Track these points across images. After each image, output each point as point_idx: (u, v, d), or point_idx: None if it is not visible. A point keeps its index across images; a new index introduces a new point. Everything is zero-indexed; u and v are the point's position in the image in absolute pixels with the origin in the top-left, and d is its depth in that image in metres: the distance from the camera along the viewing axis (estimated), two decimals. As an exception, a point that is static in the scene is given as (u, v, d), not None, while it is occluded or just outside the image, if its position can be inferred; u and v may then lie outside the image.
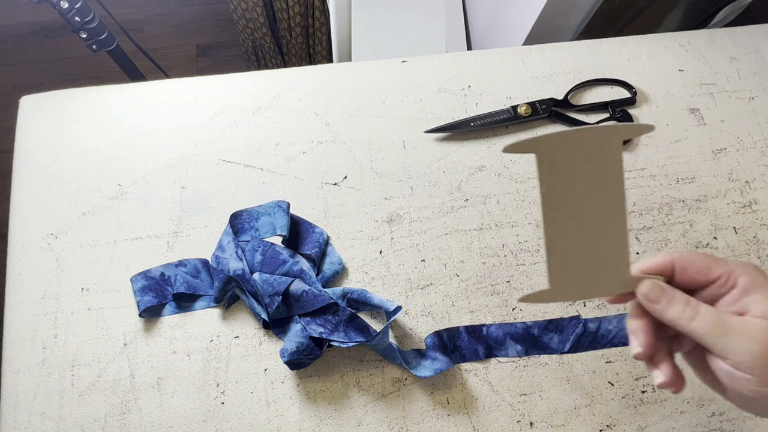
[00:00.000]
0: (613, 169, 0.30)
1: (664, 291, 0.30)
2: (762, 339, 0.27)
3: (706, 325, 0.28)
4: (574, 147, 0.30)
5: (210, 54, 1.59)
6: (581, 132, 0.30)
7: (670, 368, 0.31)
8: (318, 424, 0.46)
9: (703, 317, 0.29)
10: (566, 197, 0.31)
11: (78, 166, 0.54)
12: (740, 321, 0.28)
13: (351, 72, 0.60)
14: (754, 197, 0.54)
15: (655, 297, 0.30)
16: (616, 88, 0.59)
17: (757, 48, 0.61)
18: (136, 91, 0.58)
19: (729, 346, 0.28)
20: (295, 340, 0.45)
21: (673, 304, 0.29)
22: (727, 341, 0.28)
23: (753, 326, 0.28)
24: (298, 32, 1.25)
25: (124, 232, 0.52)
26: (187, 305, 0.49)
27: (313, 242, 0.51)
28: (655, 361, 0.31)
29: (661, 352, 0.31)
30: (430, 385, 0.47)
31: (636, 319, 0.32)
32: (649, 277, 0.31)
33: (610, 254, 0.32)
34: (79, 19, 0.84)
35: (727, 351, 0.28)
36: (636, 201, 0.54)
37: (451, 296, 0.50)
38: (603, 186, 0.31)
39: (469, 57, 0.61)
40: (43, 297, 0.49)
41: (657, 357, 0.31)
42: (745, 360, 0.27)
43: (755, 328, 0.27)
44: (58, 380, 0.47)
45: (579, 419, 0.46)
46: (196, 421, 0.46)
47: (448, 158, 0.55)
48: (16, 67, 1.55)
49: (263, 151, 0.55)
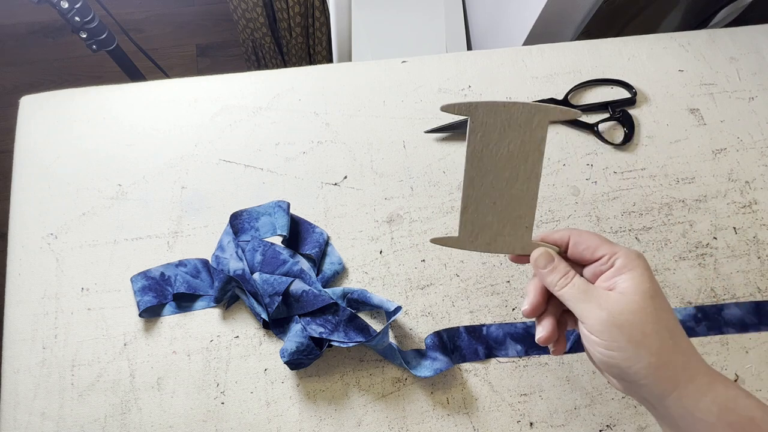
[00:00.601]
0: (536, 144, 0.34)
1: (551, 260, 0.35)
2: (610, 308, 0.32)
3: (572, 292, 0.34)
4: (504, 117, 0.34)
5: (210, 54, 1.59)
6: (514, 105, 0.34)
7: (550, 326, 0.36)
8: (318, 424, 0.46)
9: (572, 285, 0.34)
10: (489, 161, 0.35)
11: (78, 166, 0.54)
12: (600, 292, 0.33)
13: (351, 72, 0.60)
14: (754, 197, 0.54)
15: (542, 263, 0.35)
16: (616, 88, 0.59)
17: (757, 48, 0.61)
18: (136, 91, 0.58)
19: (584, 311, 0.33)
20: (295, 340, 0.45)
21: (554, 272, 0.35)
22: (584, 306, 0.33)
23: (606, 297, 0.33)
24: (298, 32, 1.25)
25: (124, 232, 0.52)
26: (187, 305, 0.49)
27: (313, 242, 0.51)
28: (540, 320, 0.37)
29: (548, 313, 0.36)
30: (430, 385, 0.47)
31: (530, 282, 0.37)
32: (545, 245, 0.36)
33: (518, 219, 0.36)
34: (79, 19, 0.84)
35: (582, 315, 0.33)
36: (636, 201, 0.54)
37: (451, 296, 0.50)
38: (524, 156, 0.35)
39: (469, 57, 0.61)
40: (43, 297, 0.49)
41: (542, 317, 0.37)
42: (594, 324, 0.32)
43: (607, 299, 0.32)
44: (58, 380, 0.47)
45: (579, 419, 0.46)
46: (196, 421, 0.46)
47: (448, 158, 0.55)
48: (16, 67, 1.55)
49: (263, 151, 0.55)
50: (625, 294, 0.32)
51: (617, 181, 0.55)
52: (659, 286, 0.33)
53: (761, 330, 0.49)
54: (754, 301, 0.50)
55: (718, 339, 0.49)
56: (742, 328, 0.49)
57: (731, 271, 0.51)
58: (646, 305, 0.32)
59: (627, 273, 0.33)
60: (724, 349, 0.48)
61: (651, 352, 0.31)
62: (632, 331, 0.31)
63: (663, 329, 0.32)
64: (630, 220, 0.53)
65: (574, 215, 0.53)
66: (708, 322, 0.49)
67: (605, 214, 0.53)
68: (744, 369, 0.48)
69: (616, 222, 0.53)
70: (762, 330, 0.49)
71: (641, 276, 0.33)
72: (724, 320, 0.49)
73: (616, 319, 0.31)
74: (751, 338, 0.49)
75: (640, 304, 0.32)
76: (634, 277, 0.32)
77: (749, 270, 0.51)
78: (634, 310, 0.31)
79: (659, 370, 0.31)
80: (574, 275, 0.34)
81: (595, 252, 0.34)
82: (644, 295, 0.32)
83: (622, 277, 0.33)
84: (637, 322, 0.31)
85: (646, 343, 0.31)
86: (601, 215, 0.53)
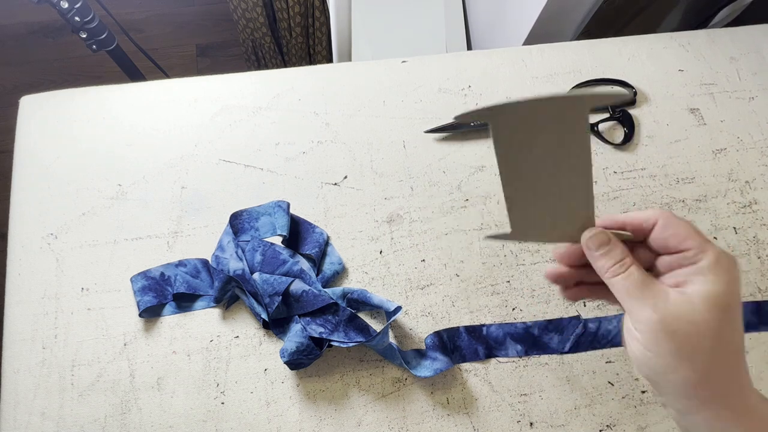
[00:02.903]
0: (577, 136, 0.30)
1: (606, 242, 0.31)
2: (663, 311, 0.28)
3: (625, 284, 0.30)
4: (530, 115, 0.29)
5: (210, 54, 1.59)
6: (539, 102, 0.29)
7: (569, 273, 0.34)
8: (318, 424, 0.46)
9: (627, 275, 0.30)
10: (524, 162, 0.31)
11: (78, 166, 0.54)
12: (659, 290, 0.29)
13: (351, 72, 0.60)
14: (754, 197, 0.54)
15: (594, 245, 0.31)
16: (616, 87, 0.59)
17: (757, 48, 0.61)
18: (136, 91, 0.58)
19: (634, 308, 0.29)
20: (295, 340, 0.45)
21: (607, 257, 0.31)
22: (634, 303, 0.29)
23: (666, 297, 0.28)
24: (298, 32, 1.25)
25: (124, 232, 0.52)
26: (187, 305, 0.49)
27: (313, 242, 0.50)
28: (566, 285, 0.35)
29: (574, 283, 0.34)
30: (430, 385, 0.47)
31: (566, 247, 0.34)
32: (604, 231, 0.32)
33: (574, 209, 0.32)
34: (79, 19, 0.84)
35: (631, 311, 0.29)
36: (636, 201, 0.54)
37: (451, 296, 0.50)
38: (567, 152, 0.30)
39: (469, 57, 0.61)
40: (43, 297, 0.49)
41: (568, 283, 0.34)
42: (641, 323, 0.29)
43: (666, 301, 0.28)
44: (58, 380, 0.47)
45: (579, 419, 0.46)
46: (196, 421, 0.46)
47: (448, 158, 0.55)
48: (16, 67, 1.55)
49: (263, 151, 0.55)
50: (692, 299, 0.28)
51: (617, 181, 0.55)
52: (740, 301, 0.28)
53: (761, 330, 0.49)
54: (754, 301, 0.50)
55: (718, 339, 0.49)
56: (742, 328, 0.49)
57: (731, 271, 0.51)
58: (712, 317, 0.27)
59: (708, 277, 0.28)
60: (724, 349, 0.48)
61: (695, 368, 0.27)
62: (683, 342, 0.27)
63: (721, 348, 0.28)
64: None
65: (574, 215, 0.53)
66: (708, 322, 0.49)
67: (605, 214, 0.53)
68: (744, 369, 0.48)
69: (616, 222, 0.53)
70: (762, 330, 0.49)
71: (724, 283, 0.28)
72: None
73: (669, 324, 0.28)
74: (751, 338, 0.49)
75: (704, 314, 0.27)
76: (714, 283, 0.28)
77: (749, 270, 0.51)
78: (695, 320, 0.27)
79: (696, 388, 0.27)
80: (632, 263, 0.30)
81: (683, 242, 0.29)
82: (714, 305, 0.27)
83: (699, 278, 0.28)
84: (692, 333, 0.27)
85: (695, 357, 0.27)
86: (600, 215, 0.53)
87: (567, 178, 0.31)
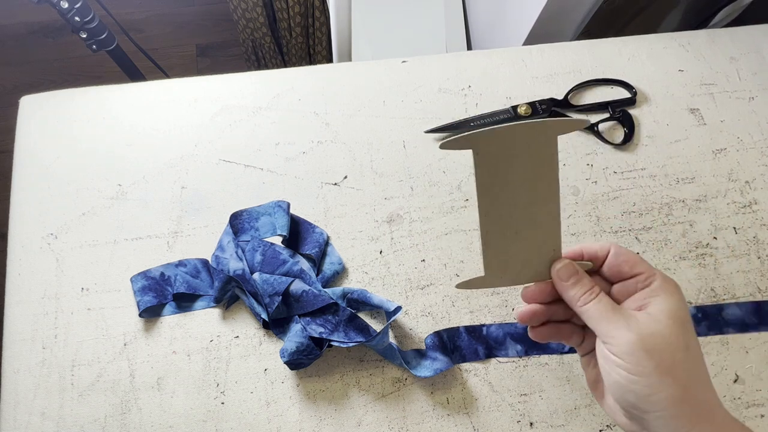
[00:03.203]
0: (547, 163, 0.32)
1: (574, 272, 0.33)
2: (639, 332, 0.30)
3: (598, 308, 0.31)
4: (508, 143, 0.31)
5: (210, 54, 1.59)
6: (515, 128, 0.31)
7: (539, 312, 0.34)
8: (318, 424, 0.46)
9: (598, 301, 0.32)
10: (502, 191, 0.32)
11: (78, 166, 0.54)
12: (628, 313, 0.31)
13: (351, 72, 0.60)
14: (754, 197, 0.54)
15: (565, 275, 0.33)
16: (616, 88, 0.59)
17: (757, 48, 0.61)
18: (136, 91, 0.58)
19: (610, 331, 0.30)
20: (295, 340, 0.45)
21: (578, 286, 0.33)
22: (610, 327, 0.31)
23: (636, 320, 0.30)
24: (298, 32, 1.25)
25: (124, 232, 0.52)
26: (187, 305, 0.49)
27: (313, 242, 0.50)
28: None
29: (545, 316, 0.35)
30: (430, 385, 0.47)
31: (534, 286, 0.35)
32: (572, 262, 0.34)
33: (544, 243, 0.34)
34: (79, 19, 0.84)
35: (606, 335, 0.31)
36: (636, 201, 0.54)
37: (451, 296, 0.50)
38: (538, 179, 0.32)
39: (469, 57, 0.61)
40: (43, 297, 0.49)
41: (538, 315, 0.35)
42: (620, 346, 0.30)
43: (637, 322, 0.30)
44: (58, 380, 0.47)
45: (579, 419, 0.46)
46: (196, 421, 0.46)
47: (448, 158, 0.55)
48: (16, 67, 1.55)
49: (263, 151, 0.55)
50: (658, 317, 0.30)
51: (617, 181, 0.55)
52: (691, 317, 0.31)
53: (761, 330, 0.49)
54: (754, 301, 0.50)
55: (718, 339, 0.49)
56: (742, 328, 0.49)
57: (731, 271, 0.51)
58: (678, 332, 0.30)
59: (663, 296, 0.31)
60: (724, 349, 0.48)
61: (677, 383, 0.29)
62: (662, 357, 0.29)
63: (692, 361, 0.30)
64: (630, 220, 0.53)
65: (574, 215, 0.53)
66: (708, 322, 0.49)
67: (605, 214, 0.53)
68: (744, 369, 0.48)
69: (616, 222, 0.53)
70: (762, 330, 0.49)
71: (677, 302, 0.31)
72: (724, 320, 0.49)
73: (646, 343, 0.29)
74: (751, 338, 0.49)
75: (672, 329, 0.30)
76: (669, 301, 0.31)
77: (749, 270, 0.51)
78: (666, 335, 0.29)
79: (682, 404, 0.29)
80: (600, 291, 0.32)
81: (633, 267, 0.32)
82: (677, 321, 0.30)
83: (657, 299, 0.31)
84: (667, 348, 0.29)
85: (675, 372, 0.29)
86: (601, 215, 0.53)
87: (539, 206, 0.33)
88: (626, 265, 0.33)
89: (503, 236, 0.33)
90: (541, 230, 0.33)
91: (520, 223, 0.33)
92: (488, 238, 0.33)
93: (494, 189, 0.32)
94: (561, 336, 0.35)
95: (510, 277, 0.35)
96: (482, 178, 0.32)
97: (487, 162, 0.31)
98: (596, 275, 0.34)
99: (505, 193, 0.32)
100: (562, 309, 0.35)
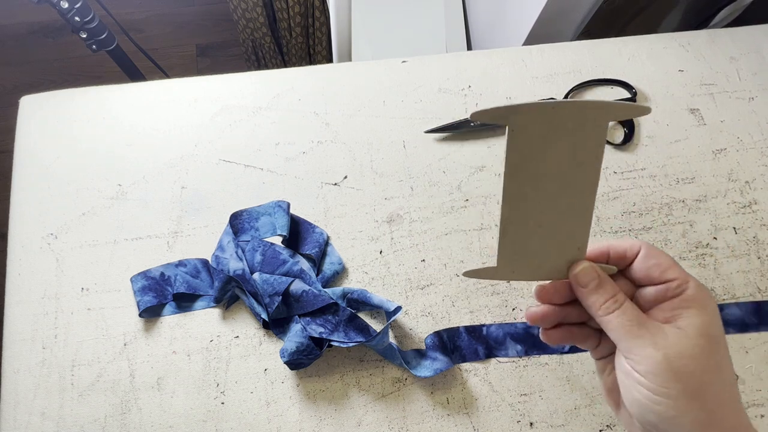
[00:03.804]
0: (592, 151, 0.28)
1: (595, 276, 0.30)
2: (667, 350, 0.27)
3: (621, 321, 0.28)
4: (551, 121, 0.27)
5: (210, 54, 1.59)
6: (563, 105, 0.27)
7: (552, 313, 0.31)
8: (318, 424, 0.46)
9: (622, 312, 0.28)
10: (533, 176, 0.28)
11: (78, 166, 0.54)
12: (656, 327, 0.28)
13: (351, 72, 0.60)
14: (754, 197, 0.54)
15: (585, 280, 0.30)
16: (616, 88, 0.59)
17: (757, 48, 0.61)
18: (136, 91, 0.58)
19: (634, 347, 0.28)
20: (295, 340, 0.45)
21: (599, 291, 0.29)
22: (634, 342, 0.28)
23: (664, 335, 0.27)
24: (298, 32, 1.25)
25: (124, 232, 0.52)
26: (187, 305, 0.49)
27: (313, 242, 0.50)
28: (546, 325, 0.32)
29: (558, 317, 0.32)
30: (430, 385, 0.47)
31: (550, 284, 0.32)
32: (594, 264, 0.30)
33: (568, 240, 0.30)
34: (79, 19, 0.84)
35: (630, 351, 0.28)
36: (636, 201, 0.54)
37: (451, 296, 0.50)
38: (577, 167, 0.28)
39: (469, 57, 0.61)
40: (43, 297, 0.49)
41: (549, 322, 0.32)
42: (644, 364, 0.27)
43: (666, 338, 0.27)
44: (58, 380, 0.47)
45: (579, 419, 0.46)
46: (196, 421, 0.46)
47: (448, 158, 0.55)
48: (16, 67, 1.55)
49: (263, 151, 0.55)
50: (687, 333, 0.27)
51: (617, 181, 0.55)
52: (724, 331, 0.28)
53: (761, 330, 0.49)
54: (754, 301, 0.50)
55: (718, 339, 0.49)
56: (742, 328, 0.49)
57: (731, 271, 0.51)
58: (710, 351, 0.27)
59: (696, 308, 0.28)
60: (724, 349, 0.48)
61: (705, 407, 0.26)
62: (690, 380, 0.26)
63: (722, 383, 0.27)
64: (630, 220, 0.53)
65: (574, 215, 0.53)
66: (708, 322, 0.49)
67: (605, 214, 0.53)
68: (744, 369, 0.48)
69: (616, 222, 0.53)
70: (762, 330, 0.49)
71: (711, 316, 0.28)
72: (724, 320, 0.49)
73: (674, 364, 0.27)
74: (751, 338, 0.49)
75: (704, 349, 0.27)
76: (702, 315, 0.27)
77: (749, 270, 0.51)
78: (697, 355, 0.27)
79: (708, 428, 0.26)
80: (625, 299, 0.29)
81: (665, 272, 0.29)
82: (709, 339, 0.27)
83: (689, 311, 0.28)
84: (698, 370, 0.27)
85: (703, 396, 0.26)
86: (601, 215, 0.53)
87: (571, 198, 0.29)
88: (657, 269, 0.29)
89: (525, 227, 0.30)
90: (569, 225, 0.30)
91: (546, 215, 0.29)
92: (507, 227, 0.30)
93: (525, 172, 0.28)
94: (574, 339, 0.32)
95: (524, 272, 0.31)
96: (513, 158, 0.28)
97: (523, 140, 0.27)
98: (621, 276, 0.31)
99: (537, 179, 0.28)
100: (577, 311, 0.32)
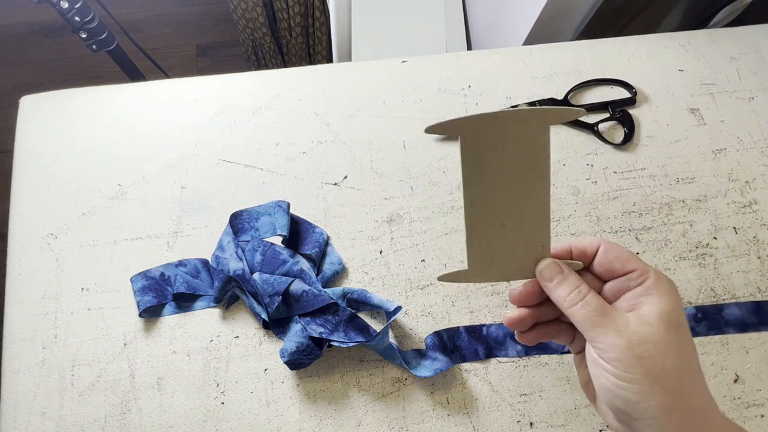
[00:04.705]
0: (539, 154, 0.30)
1: (559, 271, 0.32)
2: (629, 336, 0.28)
3: (585, 312, 0.30)
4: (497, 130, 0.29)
5: (210, 54, 1.59)
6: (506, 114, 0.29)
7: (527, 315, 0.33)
8: (318, 424, 0.46)
9: (586, 303, 0.30)
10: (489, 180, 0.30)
11: (78, 166, 0.54)
12: (619, 315, 0.29)
13: (351, 72, 0.60)
14: (754, 197, 0.54)
15: (549, 275, 0.32)
16: (616, 88, 0.59)
17: (757, 48, 0.61)
18: (136, 91, 0.58)
19: (599, 335, 0.29)
20: (295, 340, 0.45)
21: (563, 285, 0.31)
22: (598, 331, 0.29)
23: (626, 323, 0.29)
24: (298, 32, 1.25)
25: (124, 232, 0.52)
26: (187, 305, 0.49)
27: (313, 242, 0.51)
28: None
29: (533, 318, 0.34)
30: (430, 385, 0.47)
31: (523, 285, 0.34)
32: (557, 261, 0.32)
33: (532, 237, 0.32)
34: (79, 19, 0.84)
35: (595, 339, 0.29)
36: (636, 201, 0.54)
37: (451, 296, 0.50)
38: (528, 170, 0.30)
39: (469, 57, 0.61)
40: (43, 297, 0.49)
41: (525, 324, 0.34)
42: (609, 351, 0.28)
43: (627, 325, 0.29)
44: (58, 380, 0.47)
45: (579, 419, 0.46)
46: (196, 421, 0.46)
47: (448, 158, 0.55)
48: (16, 67, 1.55)
49: (263, 151, 0.55)
50: (649, 320, 0.29)
51: (617, 181, 0.55)
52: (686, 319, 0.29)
53: (761, 330, 0.49)
54: (754, 301, 0.50)
55: (718, 339, 0.49)
56: (742, 328, 0.49)
57: (731, 271, 0.51)
58: (671, 337, 0.28)
59: (657, 296, 0.29)
60: (724, 349, 0.48)
61: (668, 391, 0.27)
62: (652, 364, 0.28)
63: (684, 367, 0.28)
64: (630, 220, 0.53)
65: (574, 215, 0.53)
66: (708, 322, 0.49)
67: (605, 214, 0.53)
68: (744, 369, 0.48)
69: (616, 222, 0.53)
70: (762, 330, 0.49)
71: (672, 303, 0.29)
72: (724, 320, 0.49)
73: (636, 349, 0.28)
74: (751, 338, 0.49)
75: (664, 334, 0.28)
76: (663, 302, 0.29)
77: (749, 270, 0.51)
78: (657, 340, 0.28)
79: (672, 412, 0.27)
80: (589, 291, 0.31)
81: (625, 263, 0.31)
82: (670, 324, 0.28)
83: (651, 298, 0.29)
84: (658, 354, 0.28)
85: (664, 379, 0.28)
86: (601, 215, 0.53)
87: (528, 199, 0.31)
88: (617, 262, 0.31)
89: (489, 228, 0.32)
90: (529, 224, 0.32)
91: (506, 215, 0.31)
92: (473, 229, 0.32)
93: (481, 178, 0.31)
94: (550, 336, 0.34)
95: (495, 273, 0.33)
96: (468, 165, 0.30)
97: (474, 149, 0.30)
98: (588, 273, 0.33)
99: (493, 183, 0.31)
100: (551, 308, 0.33)
